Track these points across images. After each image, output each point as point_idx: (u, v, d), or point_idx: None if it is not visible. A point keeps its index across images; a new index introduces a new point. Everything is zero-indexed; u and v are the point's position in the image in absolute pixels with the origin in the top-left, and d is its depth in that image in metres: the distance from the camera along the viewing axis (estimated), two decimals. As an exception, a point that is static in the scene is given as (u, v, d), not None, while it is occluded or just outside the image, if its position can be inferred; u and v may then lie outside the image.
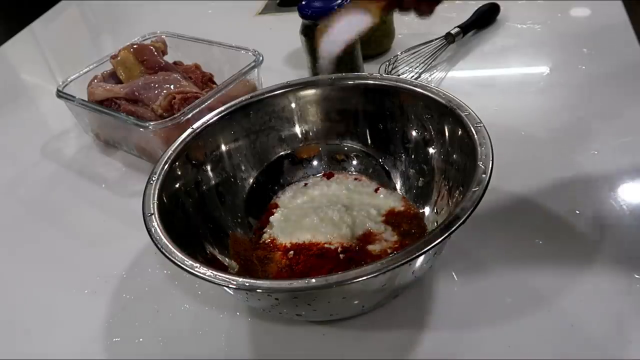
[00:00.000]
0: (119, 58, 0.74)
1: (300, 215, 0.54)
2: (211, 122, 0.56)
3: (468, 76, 0.78)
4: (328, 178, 0.59)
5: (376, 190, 0.57)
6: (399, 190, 0.56)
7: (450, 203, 0.49)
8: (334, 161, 0.60)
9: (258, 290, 0.38)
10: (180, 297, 0.53)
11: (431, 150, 0.54)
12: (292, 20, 0.73)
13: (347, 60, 0.72)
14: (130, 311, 0.53)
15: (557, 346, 0.43)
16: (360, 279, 0.36)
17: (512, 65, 0.78)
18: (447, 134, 0.51)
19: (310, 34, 0.71)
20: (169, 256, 0.41)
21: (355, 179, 0.59)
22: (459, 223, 0.38)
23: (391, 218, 0.53)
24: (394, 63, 0.77)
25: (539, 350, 0.43)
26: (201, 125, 0.55)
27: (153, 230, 0.44)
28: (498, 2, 0.87)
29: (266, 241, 0.53)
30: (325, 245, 0.50)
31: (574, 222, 0.52)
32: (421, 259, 0.40)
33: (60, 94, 0.73)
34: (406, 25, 0.90)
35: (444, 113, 0.50)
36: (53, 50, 1.15)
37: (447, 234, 0.38)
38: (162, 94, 0.68)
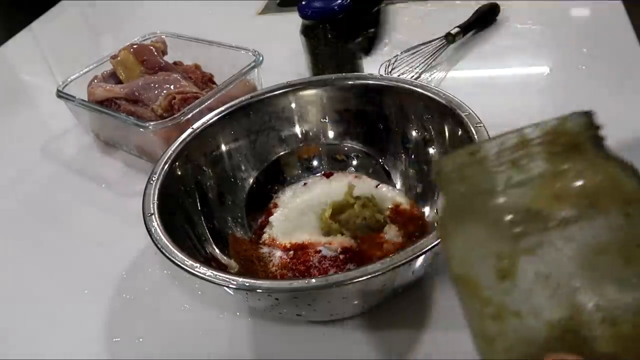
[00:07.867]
0: (119, 58, 0.74)
1: (300, 215, 0.54)
2: (211, 122, 0.56)
3: (468, 76, 0.78)
4: (327, 177, 0.59)
5: (377, 186, 0.57)
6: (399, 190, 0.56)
7: (450, 203, 0.49)
8: (334, 161, 0.60)
9: (258, 290, 0.39)
10: (180, 297, 0.53)
11: (431, 150, 0.54)
12: (292, 20, 0.73)
13: (347, 60, 0.72)
14: (130, 311, 0.53)
15: (557, 346, 0.43)
16: (360, 279, 0.36)
17: (512, 65, 0.78)
18: (447, 134, 0.51)
19: (310, 34, 0.71)
20: (169, 256, 0.41)
21: (355, 176, 0.58)
22: (459, 223, 0.38)
23: (394, 216, 0.53)
24: (394, 63, 0.77)
25: (539, 350, 0.43)
26: (201, 125, 0.55)
27: (153, 230, 0.44)
28: (498, 2, 0.87)
29: (266, 241, 0.53)
30: (325, 245, 0.50)
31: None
32: (421, 259, 0.40)
33: (60, 94, 0.73)
34: (406, 25, 0.90)
35: (444, 113, 0.51)
36: (53, 50, 1.15)
37: (447, 234, 0.37)
38: (162, 94, 0.68)
